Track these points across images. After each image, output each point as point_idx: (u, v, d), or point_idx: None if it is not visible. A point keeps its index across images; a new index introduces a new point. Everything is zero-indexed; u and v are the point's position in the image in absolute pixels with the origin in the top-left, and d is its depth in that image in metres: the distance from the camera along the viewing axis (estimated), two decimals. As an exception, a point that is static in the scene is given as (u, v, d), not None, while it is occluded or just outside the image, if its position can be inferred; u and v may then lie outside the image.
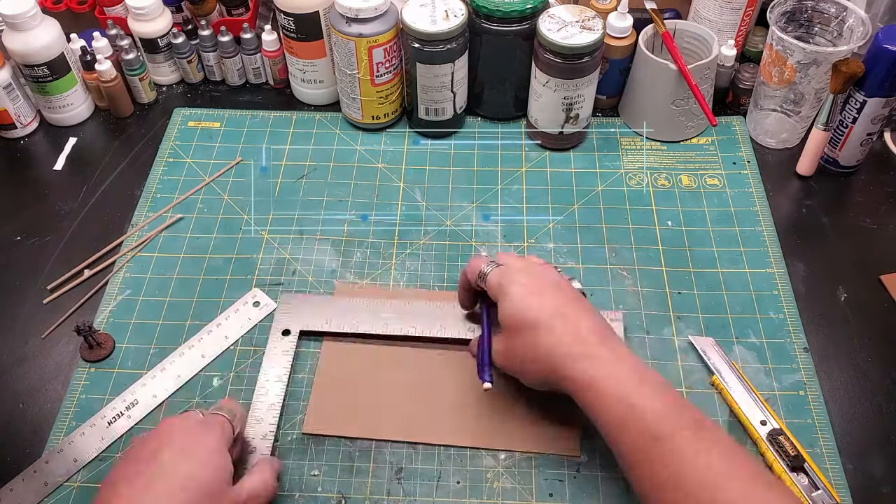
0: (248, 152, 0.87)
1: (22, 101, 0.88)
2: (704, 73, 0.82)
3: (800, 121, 0.85)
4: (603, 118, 0.91)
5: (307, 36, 0.85)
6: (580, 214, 0.81)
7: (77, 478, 0.62)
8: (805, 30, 0.83)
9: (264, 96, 0.95)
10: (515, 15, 0.79)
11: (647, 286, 0.74)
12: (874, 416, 0.65)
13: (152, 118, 0.92)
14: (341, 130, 0.90)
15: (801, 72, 0.79)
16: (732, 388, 0.66)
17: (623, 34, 0.84)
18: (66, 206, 0.83)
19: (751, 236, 0.78)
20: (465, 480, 0.62)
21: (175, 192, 0.83)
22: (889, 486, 0.61)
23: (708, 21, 0.88)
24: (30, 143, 0.90)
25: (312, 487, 0.62)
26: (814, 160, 0.83)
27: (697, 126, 0.87)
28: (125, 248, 0.78)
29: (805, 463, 0.61)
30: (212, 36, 0.92)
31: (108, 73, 0.88)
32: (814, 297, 0.73)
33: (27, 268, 0.77)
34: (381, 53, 0.81)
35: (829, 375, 0.68)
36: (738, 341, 0.70)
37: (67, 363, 0.70)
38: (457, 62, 0.81)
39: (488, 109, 0.90)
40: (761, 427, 0.63)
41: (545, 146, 0.87)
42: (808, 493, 0.59)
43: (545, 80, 0.80)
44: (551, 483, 0.62)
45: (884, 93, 0.76)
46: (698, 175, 0.84)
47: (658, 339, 0.70)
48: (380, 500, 0.61)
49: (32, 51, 0.84)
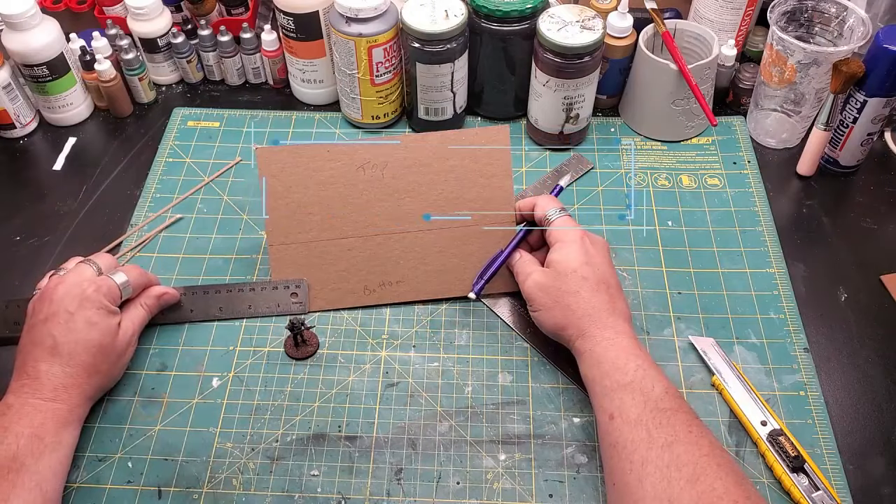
0: (247, 152, 0.87)
1: (21, 100, 0.88)
2: (705, 73, 0.82)
3: (800, 121, 0.85)
4: (603, 118, 0.90)
5: (307, 36, 0.85)
6: (580, 214, 0.80)
7: (77, 478, 0.62)
8: (805, 30, 0.83)
9: (264, 96, 0.95)
10: (515, 15, 0.79)
11: (647, 286, 0.74)
12: (874, 417, 0.65)
13: (152, 118, 0.92)
14: (341, 130, 0.90)
15: (802, 72, 0.79)
16: (733, 388, 0.66)
17: (623, 34, 0.84)
18: (65, 206, 0.83)
19: (751, 236, 0.78)
20: (465, 481, 0.62)
21: (174, 192, 0.83)
22: (889, 487, 0.61)
23: (708, 21, 0.87)
24: (29, 143, 0.90)
25: (312, 488, 0.62)
26: (814, 160, 0.83)
27: (698, 126, 0.87)
28: (124, 248, 0.78)
29: (805, 463, 0.61)
30: (211, 36, 0.91)
31: (108, 72, 0.88)
32: (814, 298, 0.73)
33: (26, 268, 0.77)
34: (380, 53, 0.81)
35: (829, 376, 0.68)
36: (739, 341, 0.70)
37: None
38: (457, 62, 0.81)
39: (488, 109, 0.90)
40: (762, 427, 0.63)
41: (545, 146, 0.87)
42: (808, 493, 0.59)
43: (545, 79, 0.80)
44: (551, 484, 0.62)
45: (884, 93, 0.76)
46: (698, 175, 0.84)
47: (658, 339, 0.70)
48: (379, 501, 0.61)
49: (32, 50, 0.84)
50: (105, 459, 0.63)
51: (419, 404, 0.66)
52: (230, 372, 0.69)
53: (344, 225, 0.72)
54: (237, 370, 0.69)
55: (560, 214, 0.67)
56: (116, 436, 0.65)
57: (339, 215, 0.71)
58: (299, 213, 0.72)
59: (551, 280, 0.64)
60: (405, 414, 0.66)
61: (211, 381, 0.68)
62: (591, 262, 0.64)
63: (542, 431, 0.65)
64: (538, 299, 0.65)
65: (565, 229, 0.66)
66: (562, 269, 0.64)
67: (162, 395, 0.67)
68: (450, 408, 0.66)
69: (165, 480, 0.62)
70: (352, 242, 0.72)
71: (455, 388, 0.67)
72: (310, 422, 0.66)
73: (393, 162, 0.71)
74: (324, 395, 0.67)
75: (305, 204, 0.72)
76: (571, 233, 0.65)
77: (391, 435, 0.65)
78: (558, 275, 0.64)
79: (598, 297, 0.62)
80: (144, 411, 0.66)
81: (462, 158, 0.71)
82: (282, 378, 0.68)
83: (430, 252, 0.72)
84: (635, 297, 0.73)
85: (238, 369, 0.69)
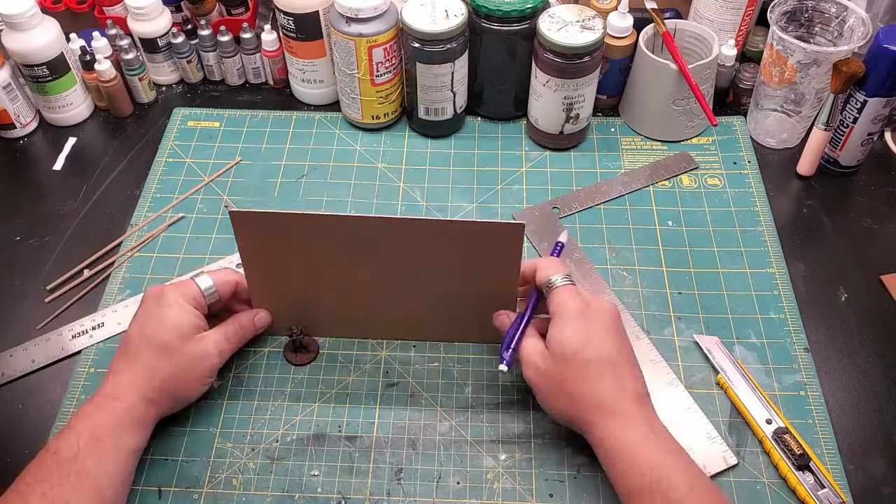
0: (247, 152, 0.87)
1: (21, 100, 0.88)
2: (705, 73, 0.82)
3: (800, 121, 0.85)
4: (603, 118, 0.90)
5: (307, 36, 0.85)
6: (580, 214, 0.80)
7: (76, 478, 0.62)
8: (805, 29, 0.83)
9: (264, 96, 0.95)
10: (515, 15, 0.79)
11: (647, 286, 0.74)
12: (875, 417, 0.65)
13: (152, 118, 0.92)
14: (341, 130, 0.90)
15: (802, 71, 0.79)
16: (738, 386, 0.65)
17: (623, 34, 0.84)
18: (65, 206, 0.83)
19: (751, 236, 0.78)
20: (465, 481, 0.62)
21: (175, 192, 0.83)
22: (890, 487, 0.61)
23: (708, 21, 0.87)
24: (29, 143, 0.90)
25: (312, 488, 0.62)
26: (814, 160, 0.83)
27: (698, 126, 0.87)
28: (125, 248, 0.78)
29: (811, 461, 0.61)
30: (211, 36, 0.91)
31: (108, 72, 0.88)
32: (814, 297, 0.73)
33: (26, 268, 0.77)
34: (380, 53, 0.81)
35: (829, 375, 0.68)
36: (739, 341, 0.70)
37: (67, 363, 0.70)
38: (457, 62, 0.81)
39: (488, 109, 0.90)
40: (767, 426, 0.63)
41: (545, 146, 0.87)
42: (813, 491, 0.59)
43: (545, 79, 0.80)
44: (551, 483, 0.62)
45: (884, 93, 0.76)
46: (699, 175, 0.84)
47: (658, 339, 0.70)
48: (380, 501, 0.61)
49: (32, 50, 0.84)
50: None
51: (419, 404, 0.66)
52: (230, 372, 0.69)
53: (332, 287, 0.66)
54: (237, 370, 0.69)
55: (564, 283, 0.61)
56: (116, 436, 0.65)
57: (324, 282, 0.66)
58: (282, 275, 0.65)
59: (551, 365, 0.59)
60: (405, 414, 0.66)
61: (211, 381, 0.68)
62: (591, 340, 0.58)
63: (543, 431, 0.65)
64: (540, 388, 0.60)
65: (565, 302, 0.60)
66: (561, 353, 0.58)
67: (162, 395, 0.67)
68: (450, 408, 0.66)
69: (165, 480, 0.62)
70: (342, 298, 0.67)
71: (455, 388, 0.67)
72: (310, 422, 0.65)
73: (386, 241, 0.62)
74: (324, 395, 0.67)
75: (288, 269, 0.65)
76: (572, 307, 0.59)
77: (391, 435, 0.65)
78: (557, 359, 0.58)
79: (602, 382, 0.57)
80: (144, 411, 0.66)
81: (466, 249, 0.61)
82: (282, 378, 0.68)
83: (425, 314, 0.68)
84: (635, 296, 0.73)
85: (238, 369, 0.69)
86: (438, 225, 0.61)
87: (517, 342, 0.62)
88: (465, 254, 0.62)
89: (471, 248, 0.61)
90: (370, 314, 0.68)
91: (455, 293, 0.65)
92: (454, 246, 0.62)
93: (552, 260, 0.64)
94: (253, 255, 0.64)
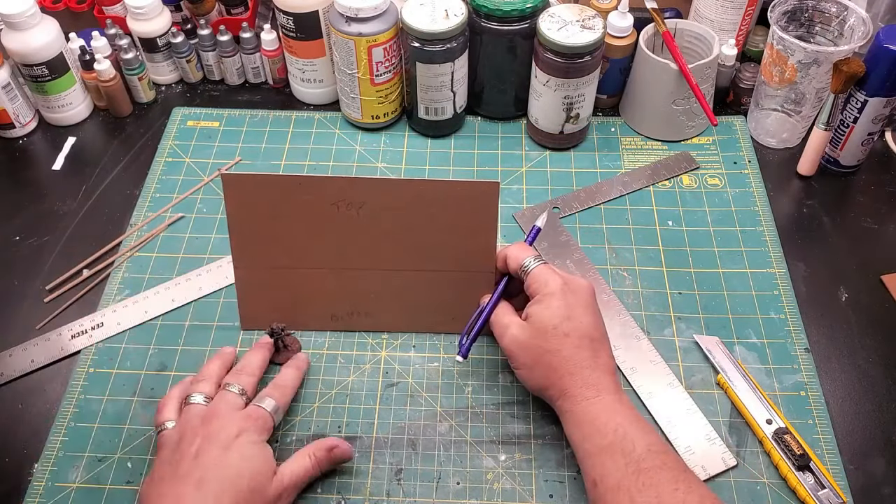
0: (247, 152, 0.87)
1: (21, 100, 0.88)
2: (705, 73, 0.82)
3: (801, 120, 0.85)
4: (603, 118, 0.90)
5: (306, 35, 0.85)
6: (580, 215, 0.80)
7: (77, 477, 0.62)
8: (806, 29, 0.83)
9: (263, 96, 0.95)
10: (515, 14, 0.79)
11: (647, 286, 0.74)
12: (875, 417, 0.65)
13: (151, 118, 0.92)
14: (341, 130, 0.90)
15: (802, 71, 0.79)
16: (738, 387, 0.65)
17: (623, 33, 0.83)
18: (64, 206, 0.83)
19: (751, 236, 0.78)
20: (465, 481, 0.62)
21: (174, 192, 0.83)
22: (890, 487, 0.61)
23: (709, 20, 0.87)
24: (28, 143, 0.90)
25: (312, 488, 0.61)
26: (815, 160, 0.83)
27: (698, 126, 0.87)
28: (124, 247, 0.78)
29: (811, 462, 0.60)
30: (211, 35, 0.91)
31: (107, 72, 0.88)
32: (815, 297, 0.73)
33: (26, 268, 0.77)
34: (380, 53, 0.81)
35: (829, 376, 0.68)
36: (739, 341, 0.70)
37: (66, 364, 0.70)
38: (457, 62, 0.81)
39: (488, 109, 0.90)
40: (767, 426, 0.63)
41: (545, 146, 0.87)
42: (813, 492, 0.59)
43: (545, 79, 0.80)
44: (551, 484, 0.62)
45: (885, 92, 0.76)
46: (699, 175, 0.84)
47: (658, 339, 0.70)
48: (379, 501, 0.61)
49: (31, 50, 0.83)
50: (105, 459, 0.63)
51: (419, 404, 0.66)
52: (230, 372, 0.68)
53: (314, 256, 0.68)
54: (237, 370, 0.69)
55: (537, 263, 0.62)
56: (116, 436, 0.65)
57: (309, 248, 0.67)
58: (266, 241, 0.67)
59: (531, 337, 0.60)
60: (405, 414, 0.66)
61: (210, 381, 0.68)
62: (573, 315, 0.60)
63: (542, 431, 0.64)
64: (518, 357, 0.61)
65: (545, 280, 0.61)
66: (541, 326, 0.60)
67: (162, 396, 0.67)
68: (450, 408, 0.66)
69: (165, 481, 0.62)
70: (322, 273, 0.68)
71: (455, 388, 0.67)
72: (310, 422, 0.65)
73: (371, 202, 0.65)
74: (324, 395, 0.67)
75: (273, 233, 0.67)
76: (551, 283, 0.61)
77: (391, 435, 0.65)
78: (538, 331, 0.60)
79: (579, 353, 0.59)
80: (144, 411, 0.66)
81: (445, 208, 0.65)
82: (281, 378, 0.68)
83: (404, 291, 0.69)
84: (635, 297, 0.73)
85: (238, 369, 0.69)
86: (420, 184, 0.66)
87: (477, 332, 0.64)
88: (444, 212, 0.66)
89: (450, 206, 0.65)
90: (355, 297, 0.69)
91: (437, 259, 0.68)
92: (434, 207, 0.65)
93: (521, 246, 0.65)
94: (241, 223, 0.66)
